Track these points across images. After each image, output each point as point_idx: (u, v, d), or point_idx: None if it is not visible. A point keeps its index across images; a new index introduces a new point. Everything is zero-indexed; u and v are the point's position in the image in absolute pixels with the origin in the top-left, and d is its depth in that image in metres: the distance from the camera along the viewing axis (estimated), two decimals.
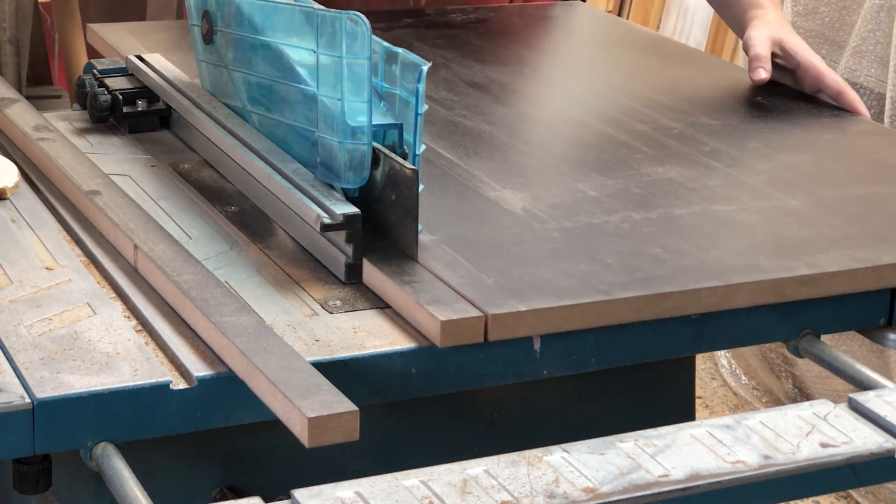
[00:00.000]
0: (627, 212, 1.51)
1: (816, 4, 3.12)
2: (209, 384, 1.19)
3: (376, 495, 1.04)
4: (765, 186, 1.62)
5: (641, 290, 1.32)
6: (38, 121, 1.70)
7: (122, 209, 1.45)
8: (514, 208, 1.51)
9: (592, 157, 1.70)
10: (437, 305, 1.27)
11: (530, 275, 1.34)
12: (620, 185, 1.59)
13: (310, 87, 1.43)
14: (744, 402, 3.41)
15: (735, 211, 1.54)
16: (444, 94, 1.91)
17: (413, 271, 1.34)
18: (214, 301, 1.26)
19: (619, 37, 2.34)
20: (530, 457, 1.10)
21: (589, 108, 1.89)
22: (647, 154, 1.71)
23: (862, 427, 1.17)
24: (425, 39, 2.16)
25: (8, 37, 3.05)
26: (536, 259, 1.38)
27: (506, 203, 1.53)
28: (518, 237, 1.44)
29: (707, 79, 2.09)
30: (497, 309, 1.26)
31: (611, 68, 2.14)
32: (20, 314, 1.28)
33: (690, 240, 1.45)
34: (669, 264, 1.38)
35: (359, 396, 1.13)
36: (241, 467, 1.31)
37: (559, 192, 1.57)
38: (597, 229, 1.46)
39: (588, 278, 1.34)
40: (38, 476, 1.19)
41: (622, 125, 1.81)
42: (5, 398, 1.14)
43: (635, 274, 1.35)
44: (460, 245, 1.40)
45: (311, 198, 1.39)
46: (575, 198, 1.55)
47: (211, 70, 1.67)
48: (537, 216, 1.49)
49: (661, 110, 1.88)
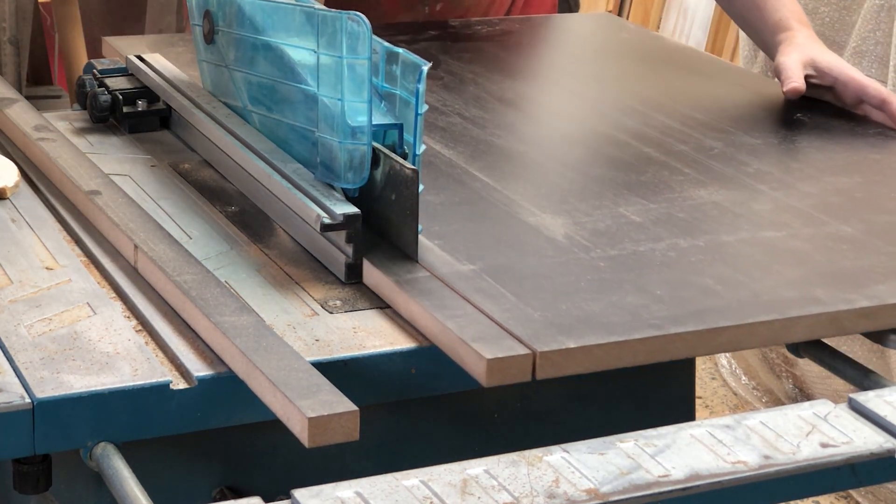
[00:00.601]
0: (673, 238, 1.46)
1: (816, 4, 3.12)
2: (209, 384, 1.19)
3: (376, 495, 1.04)
4: (814, 211, 1.56)
5: (695, 324, 1.26)
6: (38, 121, 1.70)
7: (122, 209, 1.45)
8: (556, 235, 1.45)
9: (633, 179, 1.64)
10: (482, 342, 1.21)
11: (578, 308, 1.28)
12: (664, 210, 1.54)
13: (310, 87, 1.43)
14: (744, 402, 3.41)
15: (785, 237, 1.48)
16: (474, 111, 1.85)
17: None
18: (214, 301, 1.26)
19: (650, 49, 2.27)
20: (530, 457, 1.10)
21: (625, 127, 1.83)
22: (689, 176, 1.65)
23: (862, 427, 1.17)
24: (451, 52, 2.11)
25: (8, 37, 3.05)
26: (583, 290, 1.32)
27: (547, 229, 1.47)
28: (562, 267, 1.38)
29: (744, 94, 2.03)
30: (545, 346, 1.20)
31: (644, 83, 2.06)
32: (20, 314, 1.28)
33: (742, 269, 1.39)
34: (722, 296, 1.32)
35: (359, 396, 1.13)
36: (241, 467, 1.31)
37: (601, 217, 1.51)
38: (643, 258, 1.41)
39: (638, 311, 1.28)
40: (38, 476, 1.19)
41: (661, 145, 1.76)
42: (5, 398, 1.14)
43: (687, 307, 1.30)
44: (503, 275, 1.34)
45: (311, 198, 1.39)
46: (618, 223, 1.49)
47: (212, 70, 1.67)
48: (581, 244, 1.43)
49: (699, 128, 1.83)
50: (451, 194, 1.55)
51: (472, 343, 1.20)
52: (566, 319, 1.26)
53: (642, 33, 2.43)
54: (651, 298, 1.31)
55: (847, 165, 1.73)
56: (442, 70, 2.01)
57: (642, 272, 1.37)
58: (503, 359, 1.19)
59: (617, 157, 1.73)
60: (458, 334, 1.22)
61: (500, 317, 1.25)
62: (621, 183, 1.62)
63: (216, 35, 1.61)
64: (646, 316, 1.27)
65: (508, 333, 1.22)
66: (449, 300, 1.28)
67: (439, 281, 1.32)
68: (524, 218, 1.50)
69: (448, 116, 1.81)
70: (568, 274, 1.36)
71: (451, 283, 1.31)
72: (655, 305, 1.29)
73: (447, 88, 1.93)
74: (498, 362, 1.18)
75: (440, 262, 1.36)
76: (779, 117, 1.93)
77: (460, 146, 1.70)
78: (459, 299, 1.29)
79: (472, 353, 1.20)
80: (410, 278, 1.33)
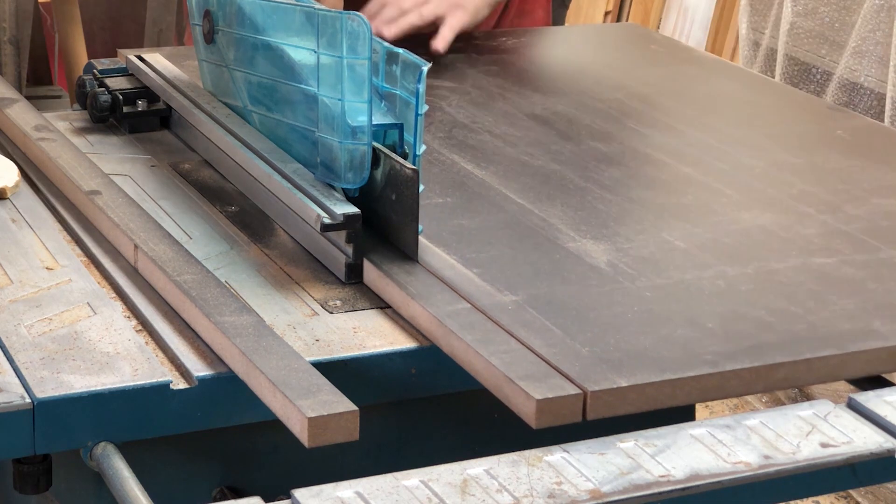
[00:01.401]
0: (721, 266, 1.40)
1: (816, 4, 3.12)
2: (209, 384, 1.19)
3: (376, 495, 1.04)
4: (864, 235, 1.49)
5: (750, 360, 1.21)
6: (38, 121, 1.70)
7: (122, 209, 1.45)
8: (599, 262, 1.39)
9: (674, 201, 1.58)
10: (530, 381, 1.15)
11: (627, 343, 1.22)
12: (708, 235, 1.48)
13: (310, 88, 1.43)
14: (744, 401, 3.41)
15: (837, 264, 1.42)
16: (505, 128, 1.79)
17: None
18: (214, 301, 1.26)
19: (680, 61, 2.20)
20: (530, 457, 1.10)
21: (661, 145, 1.76)
22: (731, 198, 1.59)
23: (862, 427, 1.17)
24: (477, 66, 2.05)
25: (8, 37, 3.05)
26: (631, 323, 1.27)
27: (589, 256, 1.41)
28: (608, 297, 1.32)
29: (779, 109, 1.98)
30: (596, 385, 1.15)
31: (677, 97, 1.99)
32: (20, 314, 1.28)
33: (795, 300, 1.33)
34: (777, 330, 1.27)
35: (359, 396, 1.13)
36: (241, 467, 1.31)
37: (644, 242, 1.45)
38: (691, 287, 1.35)
39: (690, 346, 1.22)
40: (38, 476, 1.19)
41: (700, 164, 1.70)
42: (5, 398, 1.14)
43: (741, 342, 1.24)
44: (546, 307, 1.28)
45: (311, 198, 1.39)
46: (662, 250, 1.43)
47: (212, 70, 1.67)
48: (625, 272, 1.37)
49: (737, 146, 1.76)
50: (487, 218, 1.50)
51: (520, 382, 1.15)
52: (616, 355, 1.20)
53: (671, 44, 2.34)
54: (703, 332, 1.26)
55: (894, 186, 1.66)
56: (469, 84, 1.96)
57: (691, 303, 1.32)
58: (553, 399, 1.13)
59: (655, 177, 1.67)
60: (504, 372, 1.16)
61: (546, 353, 1.20)
62: (662, 205, 1.57)
63: (216, 35, 1.61)
64: (699, 351, 1.22)
65: (557, 371, 1.17)
66: (492, 334, 1.23)
67: (481, 313, 1.27)
68: (564, 244, 1.44)
69: (478, 134, 1.76)
70: (614, 305, 1.30)
71: (493, 316, 1.26)
72: (708, 339, 1.24)
73: (475, 104, 1.88)
74: (548, 403, 1.13)
75: (480, 293, 1.31)
76: (818, 133, 1.87)
77: (492, 166, 1.65)
78: (503, 333, 1.23)
79: (520, 392, 1.14)
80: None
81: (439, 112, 1.83)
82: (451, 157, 1.66)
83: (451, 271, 1.35)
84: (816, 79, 3.14)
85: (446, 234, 1.43)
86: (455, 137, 1.74)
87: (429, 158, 1.64)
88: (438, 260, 1.37)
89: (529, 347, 1.21)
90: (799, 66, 3.18)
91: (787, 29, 3.16)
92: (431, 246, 1.40)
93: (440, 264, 1.36)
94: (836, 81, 3.05)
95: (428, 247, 1.39)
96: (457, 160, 1.66)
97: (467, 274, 1.35)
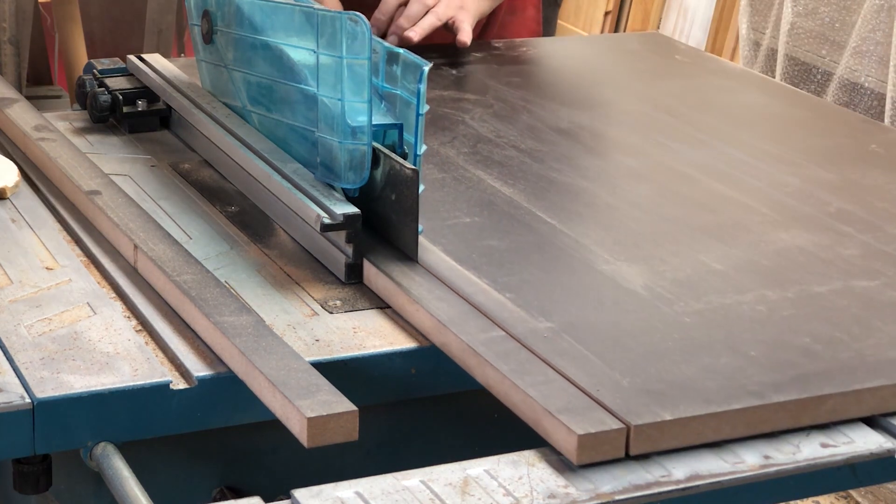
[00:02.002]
0: (761, 290, 1.34)
1: (816, 4, 3.12)
2: (209, 384, 1.19)
3: (376, 495, 1.04)
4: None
5: (798, 391, 1.16)
6: (38, 121, 1.70)
7: (122, 209, 1.45)
8: (635, 286, 1.34)
9: (708, 220, 1.52)
10: (570, 414, 1.10)
11: (668, 372, 1.18)
12: (746, 256, 1.43)
13: (310, 88, 1.43)
14: None
15: (880, 287, 1.37)
16: (531, 143, 1.74)
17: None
18: (214, 301, 1.26)
19: (707, 72, 2.15)
20: (530, 457, 1.10)
21: (692, 160, 1.71)
22: (767, 217, 1.54)
23: (862, 427, 1.17)
24: (498, 77, 2.01)
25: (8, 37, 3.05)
26: (671, 352, 1.22)
27: (623, 279, 1.36)
28: (646, 323, 1.27)
29: (812, 122, 1.93)
30: (640, 418, 1.10)
31: (705, 110, 1.93)
32: (20, 314, 1.28)
33: (840, 326, 1.28)
34: (823, 358, 1.22)
35: (359, 396, 1.13)
36: (241, 467, 1.31)
37: (680, 264, 1.40)
38: (731, 312, 1.30)
39: (734, 376, 1.18)
40: (38, 476, 1.19)
41: (733, 181, 1.64)
42: (5, 398, 1.14)
43: (787, 371, 1.19)
44: (583, 334, 1.23)
45: (311, 198, 1.39)
46: (699, 272, 1.38)
47: (211, 70, 1.67)
48: (662, 296, 1.32)
49: (770, 161, 1.72)
50: (517, 239, 1.45)
51: (560, 416, 1.10)
52: (657, 386, 1.15)
53: (696, 54, 2.29)
54: (746, 360, 1.21)
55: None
56: (491, 97, 1.92)
57: (732, 329, 1.27)
58: (595, 434, 1.08)
59: (688, 194, 1.61)
60: (542, 405, 1.11)
61: (586, 383, 1.15)
62: (696, 225, 1.51)
63: (215, 35, 1.61)
64: (742, 381, 1.17)
65: (598, 404, 1.12)
66: (528, 364, 1.18)
67: (515, 341, 1.22)
68: (598, 266, 1.39)
69: (503, 149, 1.71)
70: (653, 332, 1.26)
71: (528, 344, 1.21)
72: (752, 369, 1.19)
73: (499, 117, 1.83)
74: (590, 438, 1.08)
75: (514, 320, 1.26)
76: (852, 148, 1.81)
77: (520, 183, 1.59)
78: (539, 362, 1.18)
79: (560, 426, 1.09)
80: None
81: (462, 126, 1.79)
82: (477, 174, 1.62)
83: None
84: (817, 79, 3.14)
85: (476, 256, 1.39)
86: (480, 153, 1.70)
87: (454, 175, 1.61)
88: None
89: (568, 378, 1.16)
90: (799, 66, 3.18)
91: (788, 29, 3.16)
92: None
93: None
94: (837, 81, 3.05)
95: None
96: (483, 177, 1.61)
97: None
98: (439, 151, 1.69)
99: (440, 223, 1.46)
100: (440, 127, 1.78)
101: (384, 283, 1.34)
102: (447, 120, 1.81)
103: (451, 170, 1.63)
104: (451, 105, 1.87)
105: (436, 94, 1.91)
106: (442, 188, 1.57)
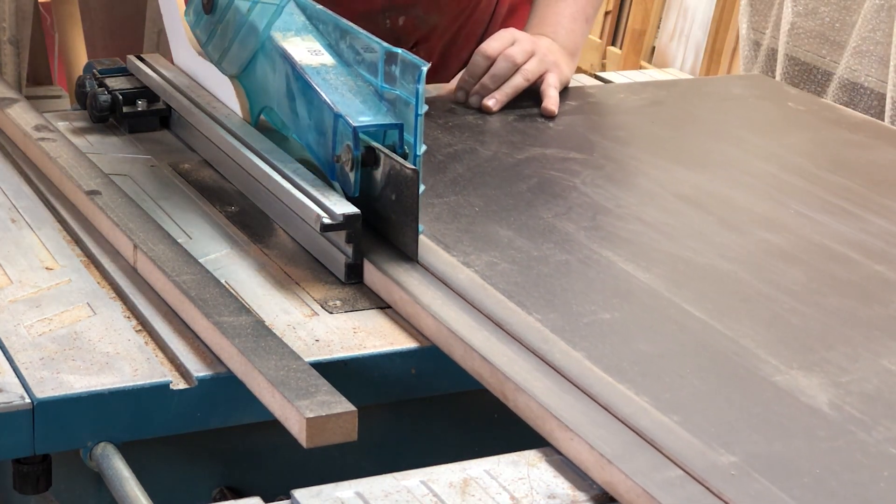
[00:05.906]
0: None
1: (816, 4, 3.12)
2: (209, 384, 1.19)
3: (376, 495, 1.04)
4: None
5: None
6: (38, 121, 1.70)
7: (122, 209, 1.45)
8: (818, 403, 1.14)
9: (878, 312, 1.32)
10: None
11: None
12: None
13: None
14: None
15: None
16: (654, 213, 1.54)
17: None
18: (214, 301, 1.26)
19: (828, 123, 1.93)
20: (530, 457, 1.10)
21: (840, 234, 1.51)
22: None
23: None
24: (602, 131, 1.84)
25: (8, 37, 3.05)
26: (884, 494, 1.02)
27: (803, 394, 1.15)
28: (843, 454, 1.07)
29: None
30: None
31: (839, 170, 1.71)
32: (20, 314, 1.28)
33: None
34: None
35: (359, 396, 1.13)
36: (241, 467, 1.31)
37: (862, 372, 1.20)
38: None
39: None
40: (38, 476, 1.19)
41: (888, 258, 1.44)
42: (5, 398, 1.14)
43: None
44: (772, 470, 1.04)
45: (311, 198, 1.39)
46: (887, 383, 1.18)
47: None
48: (854, 417, 1.12)
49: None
50: (668, 341, 1.25)
51: None
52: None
53: (810, 100, 2.07)
54: None
55: None
56: (599, 155, 1.73)
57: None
58: None
59: (846, 279, 1.40)
60: None
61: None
62: (866, 319, 1.31)
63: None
64: None
65: None
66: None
67: (697, 483, 1.03)
68: (769, 376, 1.18)
69: (627, 222, 1.51)
70: (854, 466, 1.06)
71: (712, 486, 1.02)
72: None
73: (613, 181, 1.64)
74: None
75: (692, 453, 1.06)
76: None
77: (655, 267, 1.39)
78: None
79: None
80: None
81: (575, 193, 1.59)
82: (606, 255, 1.42)
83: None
84: (817, 79, 3.14)
85: (626, 364, 1.19)
86: (603, 228, 1.50)
87: (579, 257, 1.41)
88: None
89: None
90: (799, 66, 3.18)
91: (788, 29, 3.16)
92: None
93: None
94: (837, 81, 3.05)
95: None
96: (613, 259, 1.42)
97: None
98: (556, 226, 1.49)
99: (575, 320, 1.27)
100: (552, 194, 1.59)
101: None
102: (557, 185, 1.62)
103: (575, 250, 1.43)
104: (557, 166, 1.68)
105: (537, 151, 1.73)
106: (568, 274, 1.38)
